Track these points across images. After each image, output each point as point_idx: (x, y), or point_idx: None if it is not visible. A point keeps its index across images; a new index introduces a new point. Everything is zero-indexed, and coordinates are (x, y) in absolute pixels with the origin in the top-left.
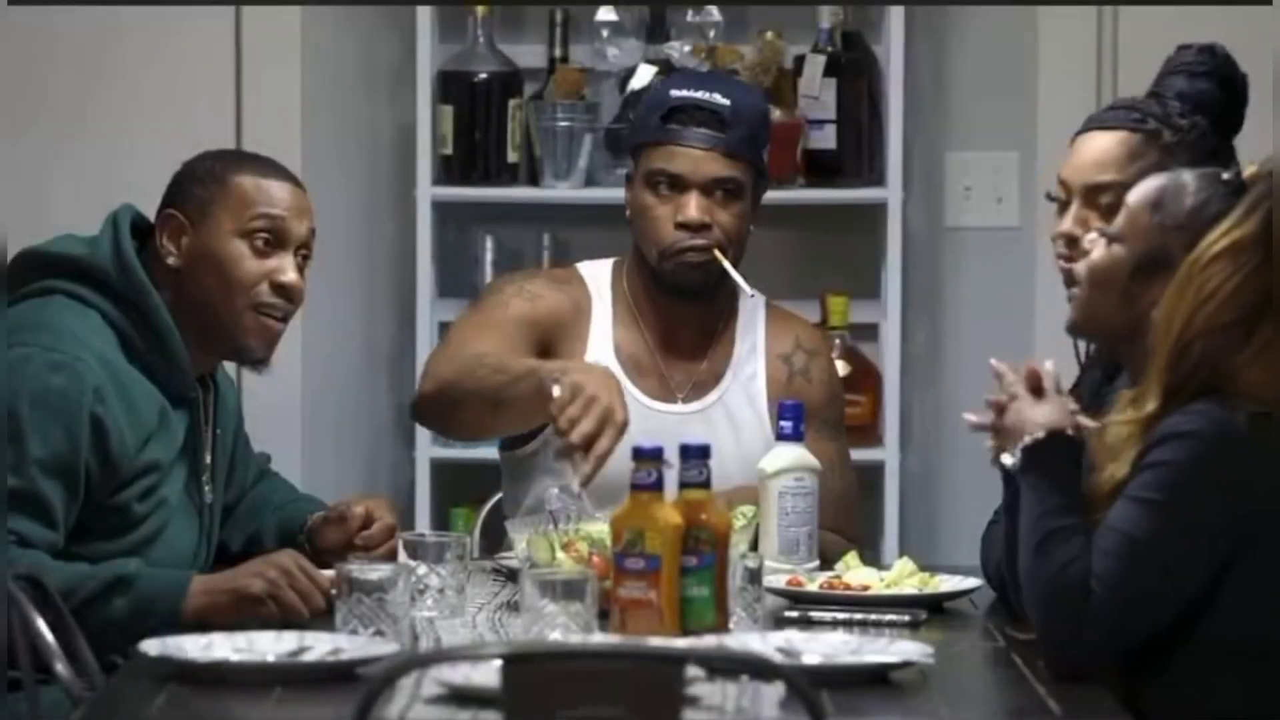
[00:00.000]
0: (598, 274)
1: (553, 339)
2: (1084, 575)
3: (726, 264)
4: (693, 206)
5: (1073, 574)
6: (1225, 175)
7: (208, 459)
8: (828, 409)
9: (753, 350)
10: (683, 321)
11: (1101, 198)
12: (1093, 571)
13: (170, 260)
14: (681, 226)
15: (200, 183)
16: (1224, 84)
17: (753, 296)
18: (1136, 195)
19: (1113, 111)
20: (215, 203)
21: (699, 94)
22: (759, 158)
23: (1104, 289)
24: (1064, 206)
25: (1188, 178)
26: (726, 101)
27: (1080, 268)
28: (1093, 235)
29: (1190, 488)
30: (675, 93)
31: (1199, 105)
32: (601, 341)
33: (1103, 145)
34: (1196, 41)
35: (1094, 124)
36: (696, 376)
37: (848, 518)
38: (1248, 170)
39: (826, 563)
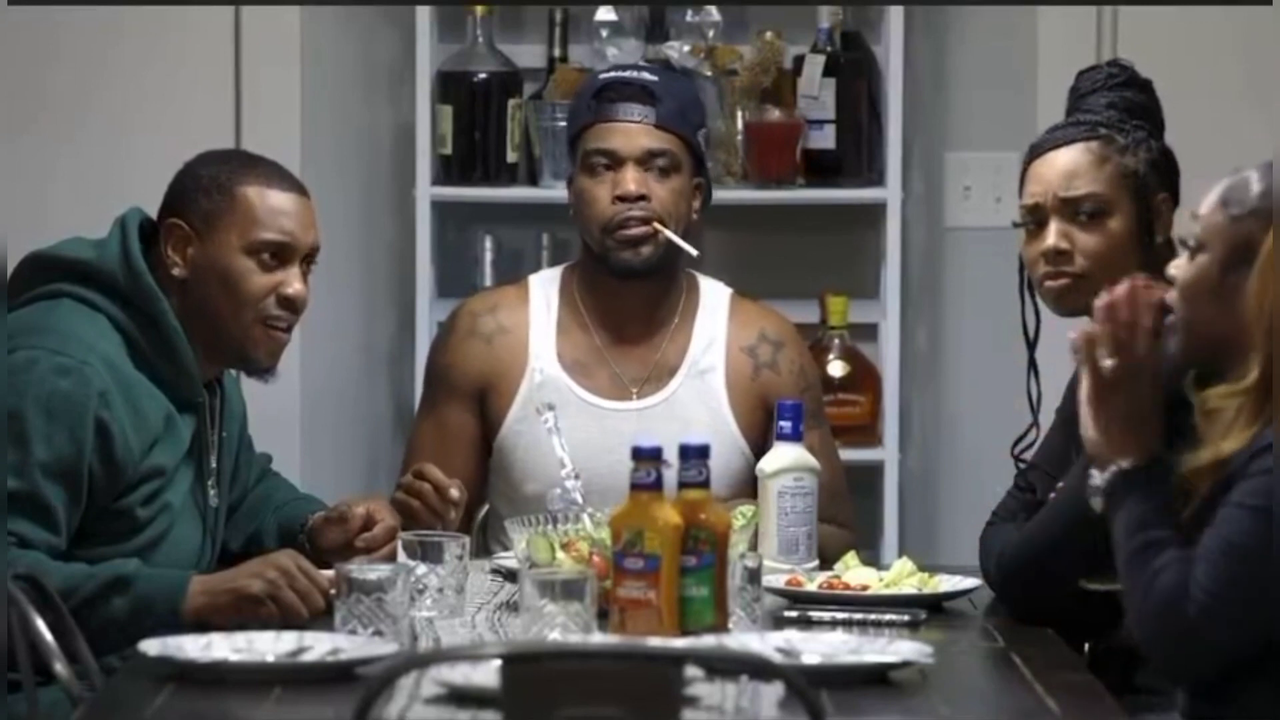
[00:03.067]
0: (548, 280)
1: (488, 386)
2: (1177, 584)
3: (667, 232)
4: (629, 179)
5: (1164, 582)
6: None
7: (213, 463)
8: (803, 400)
9: (711, 344)
10: (631, 311)
11: (1081, 209)
12: (1195, 579)
13: (175, 271)
14: (619, 200)
15: (205, 192)
16: (1143, 89)
17: (696, 254)
18: (1207, 200)
19: (1060, 130)
20: (221, 216)
21: (627, 73)
22: (693, 136)
23: (1198, 302)
24: (1036, 230)
25: (1249, 171)
26: (654, 78)
27: (1172, 294)
28: (1174, 265)
29: None
30: (604, 75)
31: (1131, 111)
32: (543, 354)
33: (1067, 159)
34: (1195, 42)
35: (1047, 145)
36: (650, 370)
37: (839, 505)
38: None
39: (825, 558)
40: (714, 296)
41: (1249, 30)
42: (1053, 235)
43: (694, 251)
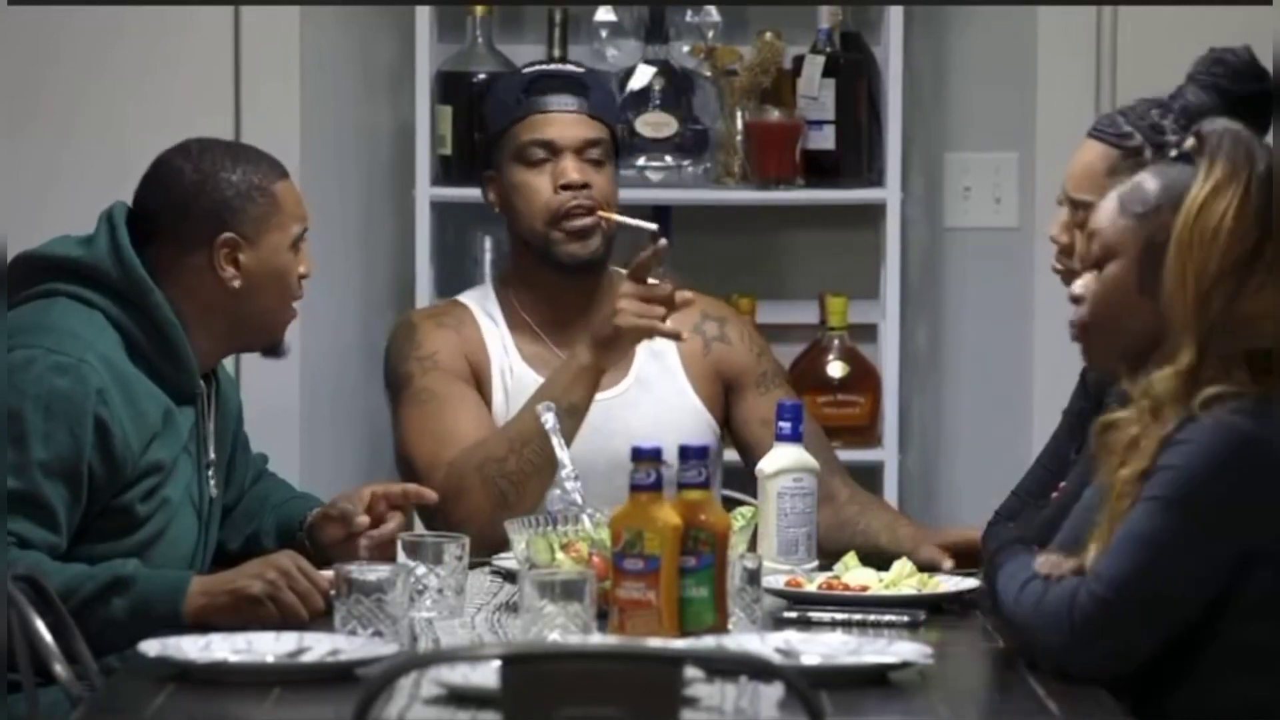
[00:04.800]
0: (481, 297)
1: (474, 374)
2: (1069, 588)
3: (618, 217)
4: (571, 168)
5: (1057, 588)
6: (1172, 154)
7: (211, 454)
8: (760, 363)
9: None
10: (575, 308)
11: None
12: (1096, 572)
13: (234, 284)
14: (564, 188)
15: (249, 199)
16: (1222, 95)
17: (656, 228)
18: (1098, 216)
19: (1112, 119)
20: (269, 218)
21: (552, 66)
22: (616, 126)
23: (1119, 309)
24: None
25: (1138, 175)
26: (580, 69)
27: (1080, 311)
28: (1079, 283)
29: (1203, 485)
30: (528, 70)
31: (1196, 119)
32: (507, 357)
33: (1089, 159)
34: (1195, 42)
35: (1093, 130)
36: None
37: (828, 450)
38: (1188, 144)
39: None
40: None
41: (1249, 30)
42: (1056, 226)
43: (654, 226)
